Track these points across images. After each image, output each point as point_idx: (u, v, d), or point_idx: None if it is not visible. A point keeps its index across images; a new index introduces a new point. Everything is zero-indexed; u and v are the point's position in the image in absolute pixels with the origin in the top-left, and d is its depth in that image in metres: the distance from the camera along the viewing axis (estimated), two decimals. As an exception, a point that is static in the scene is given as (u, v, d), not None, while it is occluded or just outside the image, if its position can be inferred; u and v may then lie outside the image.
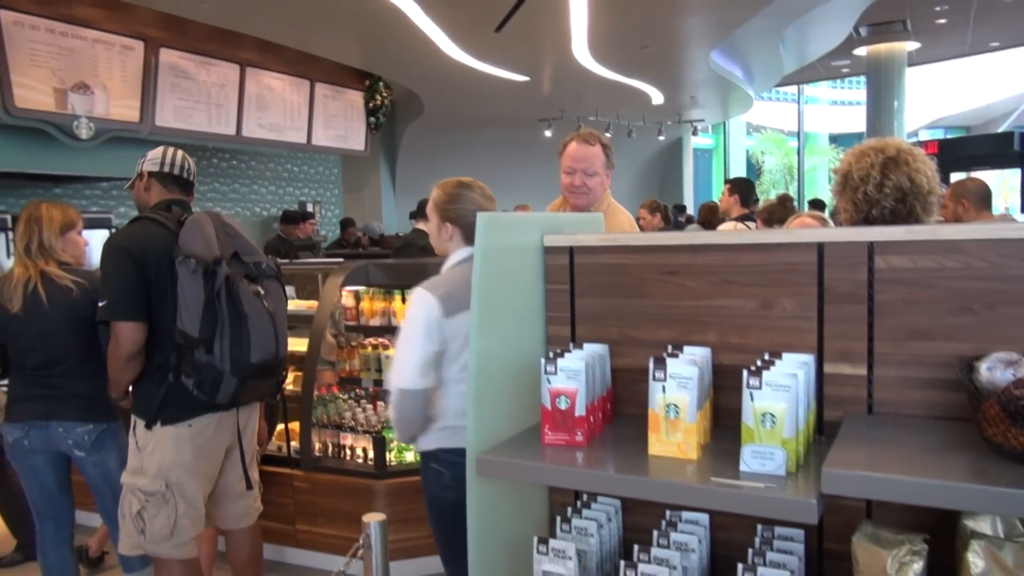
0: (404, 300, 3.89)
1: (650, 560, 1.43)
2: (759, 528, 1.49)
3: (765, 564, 1.40)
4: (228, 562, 2.95)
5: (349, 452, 3.73)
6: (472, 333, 1.52)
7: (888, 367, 1.43)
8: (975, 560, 1.19)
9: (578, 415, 1.46)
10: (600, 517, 1.61)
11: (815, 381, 1.45)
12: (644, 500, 1.57)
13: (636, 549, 1.45)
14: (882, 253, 1.43)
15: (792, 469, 1.26)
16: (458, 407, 2.19)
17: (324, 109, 9.24)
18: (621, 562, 1.44)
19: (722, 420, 1.53)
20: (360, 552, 2.10)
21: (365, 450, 3.67)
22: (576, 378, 1.45)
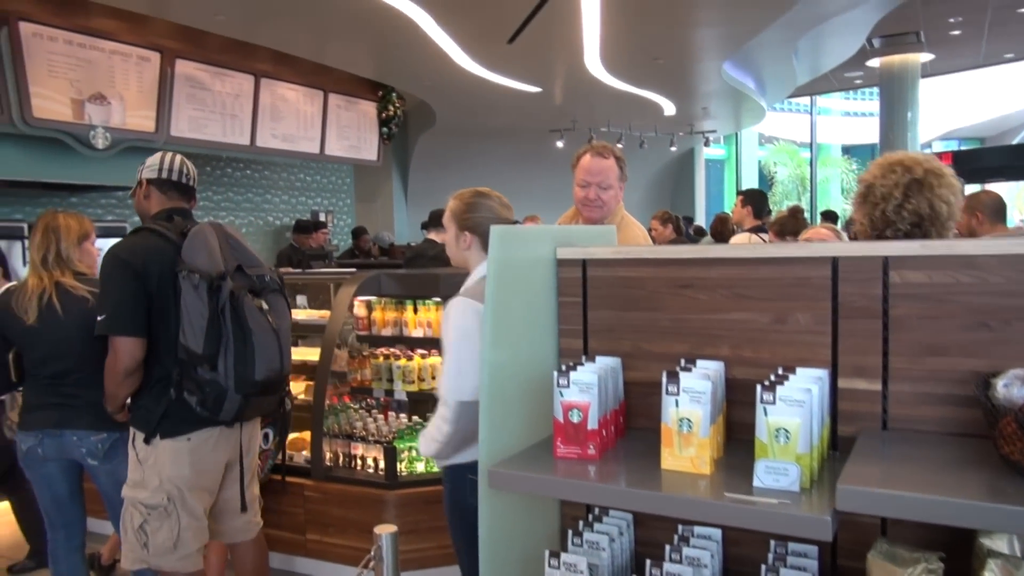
0: (416, 310, 3.90)
1: (662, 575, 1.42)
2: (772, 544, 1.48)
3: (779, 580, 1.39)
4: (235, 574, 2.94)
5: (360, 462, 3.73)
6: (484, 345, 1.52)
7: (903, 383, 1.42)
8: (992, 579, 1.18)
9: (590, 428, 1.45)
10: (612, 531, 1.61)
11: (829, 396, 1.44)
12: (656, 514, 1.56)
13: (648, 564, 1.45)
14: (897, 268, 1.42)
15: (806, 485, 1.26)
16: None
17: (337, 119, 9.29)
18: (633, 576, 1.44)
19: (735, 434, 1.52)
20: (371, 564, 2.10)
21: (376, 460, 3.67)
22: (589, 391, 1.45)
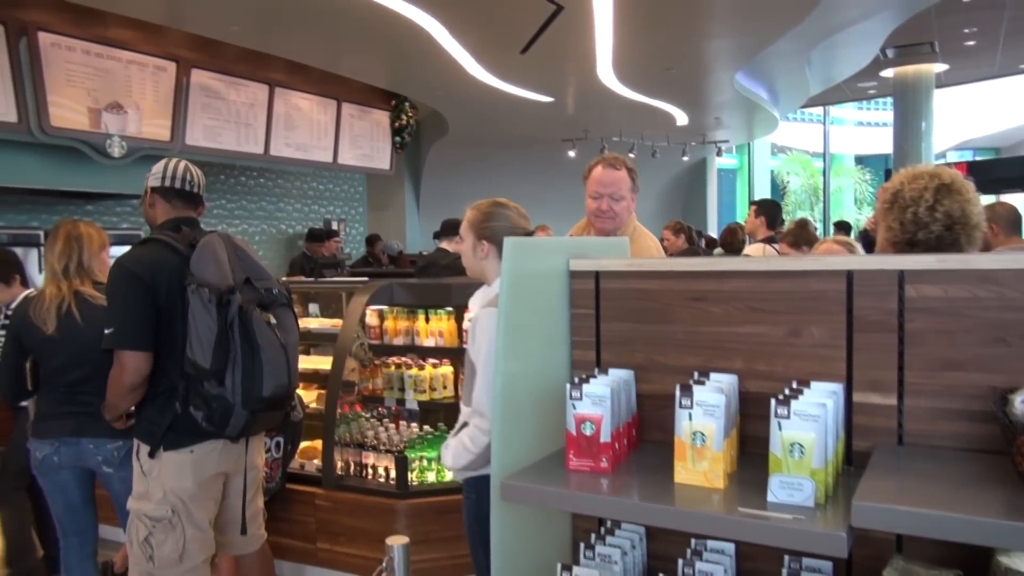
0: (427, 320, 3.91)
1: (675, 590, 1.42)
2: (786, 559, 1.47)
3: (793, 596, 1.38)
4: None
5: (371, 471, 3.73)
6: (498, 356, 1.52)
7: (919, 398, 1.41)
8: (1010, 598, 1.16)
9: (603, 441, 1.45)
10: (624, 544, 1.60)
11: (844, 411, 1.43)
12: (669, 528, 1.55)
13: (661, 578, 1.44)
14: (913, 282, 1.41)
15: (821, 500, 1.25)
16: None
17: (350, 128, 9.35)
18: (646, 591, 1.43)
19: (749, 448, 1.52)
20: (383, 575, 2.10)
21: (387, 469, 3.67)
22: (601, 404, 1.45)
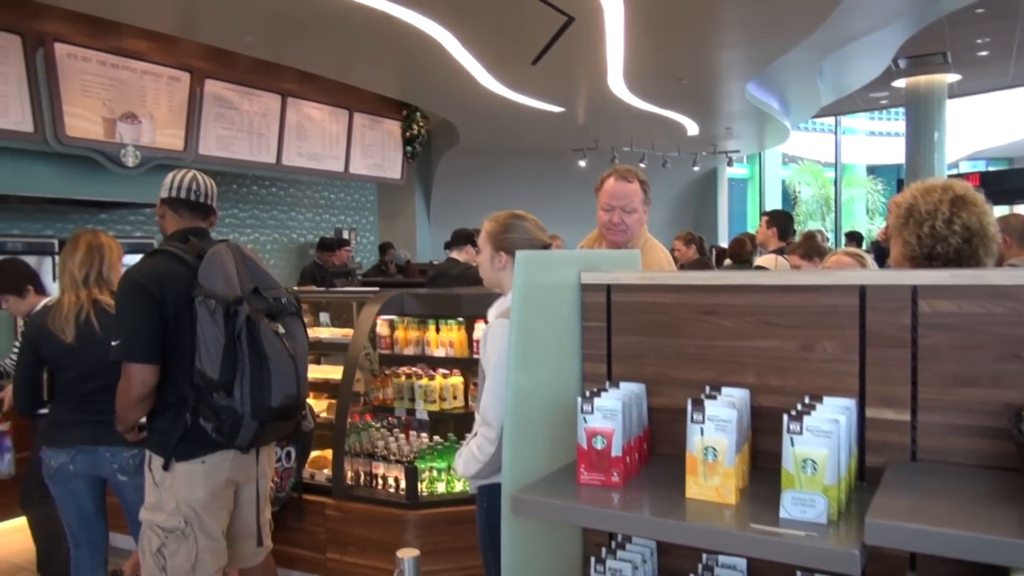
0: (438, 330, 3.91)
1: (686, 605, 1.41)
2: (799, 575, 1.46)
3: (805, 613, 1.37)
4: None
5: (381, 481, 3.73)
6: (509, 367, 1.52)
7: (933, 413, 1.40)
8: (1026, 618, 1.15)
9: (614, 455, 1.45)
10: (635, 559, 1.59)
11: (857, 426, 1.42)
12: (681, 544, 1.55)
13: (672, 594, 1.43)
14: (926, 297, 1.41)
15: (834, 517, 1.24)
16: None
17: (362, 138, 9.40)
18: (657, 607, 1.43)
19: (761, 463, 1.51)
20: (392, 586, 2.09)
21: (397, 480, 3.67)
22: (613, 418, 1.44)
